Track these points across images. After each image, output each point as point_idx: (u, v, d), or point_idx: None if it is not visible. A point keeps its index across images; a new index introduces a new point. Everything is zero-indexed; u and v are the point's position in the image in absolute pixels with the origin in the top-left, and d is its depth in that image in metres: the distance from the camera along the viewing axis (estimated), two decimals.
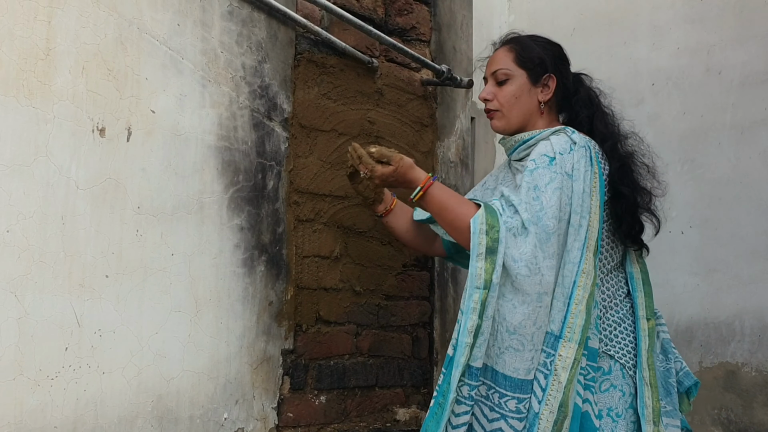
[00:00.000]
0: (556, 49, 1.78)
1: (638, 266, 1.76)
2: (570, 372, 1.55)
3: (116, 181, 1.71)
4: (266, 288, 2.00)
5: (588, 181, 1.60)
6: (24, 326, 1.55)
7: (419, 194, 1.70)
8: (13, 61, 1.57)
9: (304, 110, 2.13)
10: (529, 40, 1.76)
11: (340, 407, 2.16)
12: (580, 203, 1.58)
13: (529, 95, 1.72)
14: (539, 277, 1.53)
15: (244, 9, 1.99)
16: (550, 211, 1.55)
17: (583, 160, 1.61)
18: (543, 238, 1.53)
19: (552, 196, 1.56)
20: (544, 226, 1.54)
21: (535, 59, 1.72)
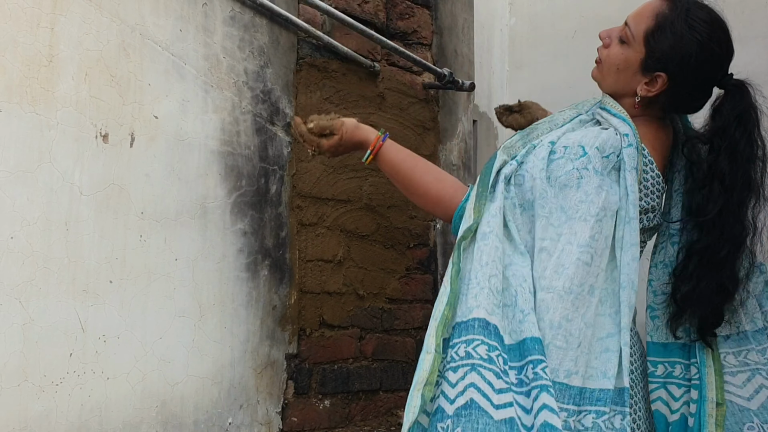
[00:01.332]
0: (700, 49, 1.37)
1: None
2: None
3: (120, 187, 1.72)
4: (270, 292, 2.00)
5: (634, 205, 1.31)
6: (28, 332, 1.56)
7: (369, 158, 1.51)
8: (17, 68, 1.57)
9: (306, 115, 2.13)
10: (678, 17, 1.36)
11: (345, 411, 2.16)
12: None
13: (632, 76, 1.43)
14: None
15: (246, 14, 2.00)
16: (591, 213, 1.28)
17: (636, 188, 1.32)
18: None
19: (597, 196, 1.29)
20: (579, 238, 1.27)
21: (657, 49, 1.38)
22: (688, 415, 1.36)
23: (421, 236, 2.46)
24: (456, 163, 2.60)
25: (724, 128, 1.37)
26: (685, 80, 1.40)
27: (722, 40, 1.41)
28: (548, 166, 1.33)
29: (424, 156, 2.47)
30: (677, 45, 1.37)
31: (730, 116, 1.38)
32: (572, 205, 1.29)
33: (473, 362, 1.22)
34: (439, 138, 2.55)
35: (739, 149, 1.35)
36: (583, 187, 1.29)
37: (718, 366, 1.38)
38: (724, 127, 1.37)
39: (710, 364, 1.38)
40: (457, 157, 2.61)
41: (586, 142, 1.34)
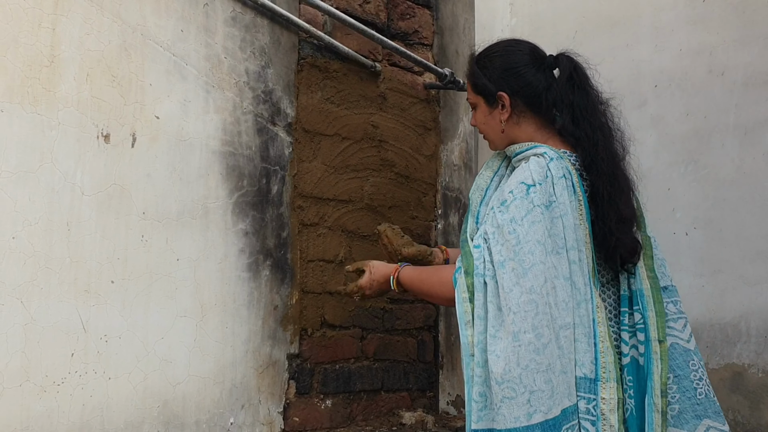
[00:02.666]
0: (502, 60, 1.67)
1: (649, 282, 1.61)
2: (618, 413, 1.51)
3: (121, 187, 1.72)
4: (271, 292, 2.00)
5: (574, 212, 1.53)
6: (30, 332, 1.56)
7: (395, 284, 1.72)
8: (18, 69, 1.58)
9: (307, 115, 2.13)
10: (476, 63, 1.69)
11: (346, 411, 2.16)
12: (573, 237, 1.51)
13: (493, 118, 1.67)
14: (511, 317, 1.44)
15: (247, 14, 2.00)
16: (527, 243, 1.46)
17: (566, 191, 1.52)
18: (520, 273, 1.44)
19: (529, 229, 1.47)
20: (521, 261, 1.45)
21: (479, 84, 1.67)
22: (638, 357, 1.56)
23: (423, 236, 2.46)
24: (457, 164, 2.60)
25: (569, 95, 1.62)
26: (515, 78, 1.65)
27: (513, 44, 1.73)
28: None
29: (425, 156, 2.48)
30: (484, 69, 1.67)
31: (562, 79, 1.63)
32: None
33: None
34: (441, 138, 2.55)
35: (576, 103, 1.62)
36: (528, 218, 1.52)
37: (659, 309, 1.58)
38: (567, 93, 1.63)
39: (651, 308, 1.58)
40: (458, 157, 2.61)
41: (524, 178, 1.54)
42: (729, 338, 2.52)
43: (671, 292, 1.64)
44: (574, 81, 1.64)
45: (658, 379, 1.54)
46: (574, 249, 1.50)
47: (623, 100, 2.77)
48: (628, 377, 1.56)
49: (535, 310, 1.43)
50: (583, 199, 1.56)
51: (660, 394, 1.54)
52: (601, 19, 2.90)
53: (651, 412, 1.53)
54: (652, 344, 1.55)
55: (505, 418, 1.42)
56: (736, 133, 2.52)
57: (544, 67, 1.66)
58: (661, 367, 1.55)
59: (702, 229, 2.56)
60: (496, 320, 1.45)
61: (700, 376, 1.59)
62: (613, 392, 1.50)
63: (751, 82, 2.52)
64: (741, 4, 2.57)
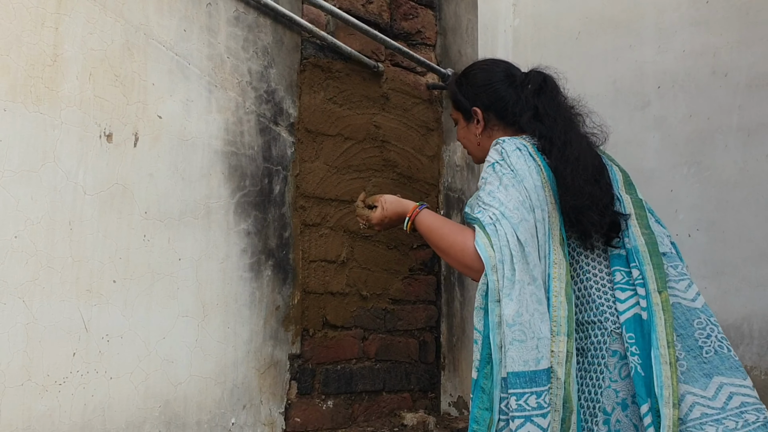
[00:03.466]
0: (477, 78, 1.80)
1: (644, 238, 1.66)
2: (566, 366, 1.54)
3: (123, 187, 1.72)
4: (273, 292, 2.00)
5: (535, 174, 1.61)
6: (32, 332, 1.56)
7: (409, 224, 1.75)
8: (21, 68, 1.58)
9: (310, 115, 2.13)
10: (456, 82, 1.83)
11: (348, 412, 2.16)
12: (536, 197, 1.59)
13: (470, 131, 1.80)
14: (518, 266, 1.55)
15: (250, 14, 2.00)
16: (509, 204, 1.56)
17: (521, 159, 1.62)
18: (515, 227, 1.56)
19: (505, 191, 1.58)
20: (510, 218, 1.56)
21: (457, 101, 1.81)
22: (641, 311, 1.57)
23: None
24: (459, 164, 2.60)
25: (533, 100, 1.72)
26: (486, 93, 1.78)
27: (488, 62, 1.87)
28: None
29: (428, 156, 2.47)
30: (459, 86, 1.80)
31: (531, 90, 1.73)
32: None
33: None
34: (443, 138, 2.55)
35: (540, 105, 1.71)
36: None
37: (656, 262, 1.61)
38: (533, 99, 1.72)
39: (647, 262, 1.61)
40: (460, 158, 2.61)
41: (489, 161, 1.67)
42: (732, 340, 2.51)
43: (671, 258, 1.67)
44: (542, 90, 1.74)
45: (662, 329, 1.54)
46: (538, 208, 1.58)
47: (627, 101, 2.76)
48: (628, 334, 1.56)
49: (534, 262, 1.54)
50: (543, 165, 1.63)
51: (666, 345, 1.53)
52: (604, 19, 2.90)
53: (659, 364, 1.52)
54: (652, 295, 1.57)
55: (514, 361, 1.49)
56: (739, 134, 2.52)
57: (516, 83, 1.76)
58: (665, 317, 1.55)
59: (705, 230, 2.55)
60: (510, 267, 1.54)
61: (708, 334, 1.58)
62: (562, 346, 1.54)
63: (754, 83, 2.52)
64: (745, 6, 2.56)
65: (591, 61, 2.88)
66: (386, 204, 1.79)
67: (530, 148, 1.65)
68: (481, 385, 1.57)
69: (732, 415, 1.52)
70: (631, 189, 1.74)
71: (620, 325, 1.58)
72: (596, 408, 1.57)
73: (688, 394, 1.53)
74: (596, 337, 1.62)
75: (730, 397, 1.52)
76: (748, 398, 1.53)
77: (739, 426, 1.50)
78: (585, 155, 1.68)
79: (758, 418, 1.51)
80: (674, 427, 1.48)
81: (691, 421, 1.51)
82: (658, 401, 1.51)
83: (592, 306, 1.63)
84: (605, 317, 1.61)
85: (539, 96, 1.73)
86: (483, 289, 1.58)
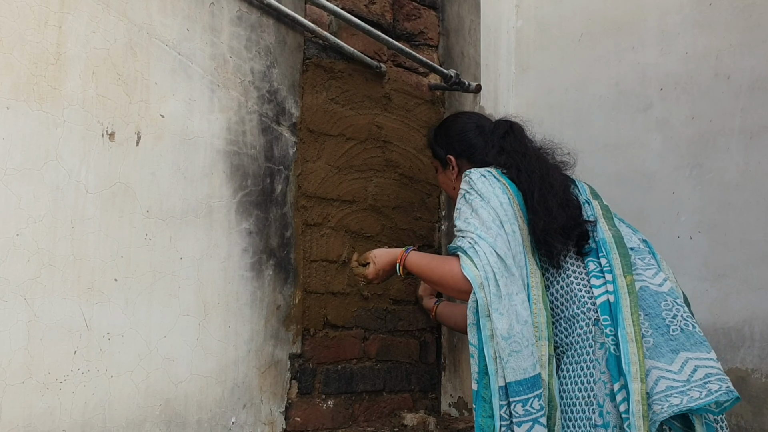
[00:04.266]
0: (447, 129, 1.99)
1: (611, 232, 1.78)
2: (548, 368, 1.64)
3: (126, 185, 1.72)
4: (274, 292, 2.00)
5: (500, 193, 1.72)
6: (33, 329, 1.56)
7: (401, 269, 1.86)
8: (24, 66, 1.58)
9: (312, 115, 2.13)
10: (433, 134, 2.00)
11: (348, 412, 2.16)
12: (504, 213, 1.70)
13: (447, 177, 1.96)
14: (503, 280, 1.65)
15: (252, 14, 2.00)
16: (482, 225, 1.68)
17: (486, 183, 1.74)
18: (492, 244, 1.66)
19: (476, 214, 1.70)
20: (485, 238, 1.67)
21: (434, 150, 1.99)
22: (609, 296, 1.67)
23: (426, 237, 2.46)
24: None
25: (500, 142, 1.87)
26: (455, 141, 1.95)
27: (460, 115, 2.08)
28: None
29: (429, 157, 2.47)
30: (435, 138, 1.98)
31: (499, 134, 1.88)
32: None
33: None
34: None
35: (505, 143, 1.85)
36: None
37: (622, 252, 1.73)
38: (499, 141, 1.87)
39: (614, 251, 1.73)
40: None
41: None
42: (733, 343, 2.51)
43: (639, 251, 1.79)
44: (508, 133, 1.88)
45: (627, 310, 1.64)
46: (507, 223, 1.70)
47: (629, 104, 2.76)
48: (603, 317, 1.66)
49: (516, 272, 1.65)
50: (509, 184, 1.76)
51: (631, 323, 1.63)
52: (607, 21, 2.90)
53: (625, 342, 1.61)
54: (618, 280, 1.68)
55: (515, 371, 1.60)
56: (741, 137, 2.52)
57: (485, 131, 1.91)
58: (629, 299, 1.66)
59: (706, 233, 2.55)
60: (494, 284, 1.64)
61: (674, 314, 1.68)
62: (544, 350, 1.65)
63: (757, 86, 2.51)
64: (748, 8, 2.56)
65: (593, 62, 2.87)
66: (376, 258, 1.91)
67: (494, 173, 1.77)
68: (482, 395, 1.66)
69: (696, 386, 1.59)
70: (597, 197, 1.87)
71: (597, 308, 1.67)
72: (591, 397, 1.65)
73: (654, 369, 1.61)
74: (581, 329, 1.69)
75: (695, 370, 1.60)
76: (712, 369, 1.61)
77: (703, 395, 1.58)
78: (551, 176, 1.81)
79: (720, 387, 1.58)
80: (642, 400, 1.57)
81: (656, 394, 1.58)
82: (626, 377, 1.59)
83: (575, 300, 1.71)
84: (587, 308, 1.69)
85: (505, 138, 1.87)
86: (473, 307, 1.67)
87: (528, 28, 3.10)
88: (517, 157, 1.82)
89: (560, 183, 1.81)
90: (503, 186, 1.75)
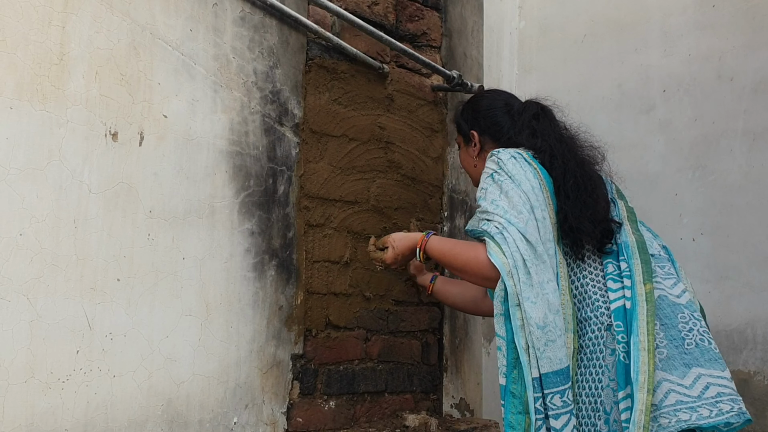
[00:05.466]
0: (474, 104, 1.95)
1: (634, 237, 1.72)
2: (573, 361, 1.59)
3: (128, 185, 1.72)
4: (276, 292, 2.00)
5: (532, 177, 1.66)
6: (36, 329, 1.56)
7: (421, 254, 1.84)
8: (28, 66, 1.58)
9: (314, 116, 2.14)
10: (458, 109, 1.96)
11: (350, 413, 2.16)
12: (535, 198, 1.64)
13: (468, 155, 1.93)
14: (534, 268, 1.58)
15: (256, 15, 2.01)
16: (513, 209, 1.61)
17: (517, 165, 1.68)
18: (522, 230, 1.60)
19: (506, 197, 1.64)
20: (516, 223, 1.60)
21: (458, 124, 1.95)
22: (626, 301, 1.62)
23: None
24: None
25: (531, 123, 1.80)
26: (483, 117, 1.91)
27: (490, 92, 2.02)
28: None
29: (432, 158, 2.47)
30: (461, 113, 1.96)
31: (528, 115, 1.82)
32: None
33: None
34: (447, 140, 2.55)
35: (537, 126, 1.79)
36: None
37: (644, 258, 1.67)
38: (530, 123, 1.80)
39: (636, 256, 1.67)
40: None
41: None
42: (735, 345, 2.51)
43: (659, 258, 1.73)
44: (539, 116, 1.83)
45: (643, 318, 1.59)
46: (538, 208, 1.64)
47: (632, 105, 2.76)
48: (616, 322, 1.61)
49: (547, 259, 1.58)
50: (540, 169, 1.69)
51: (646, 332, 1.58)
52: (610, 23, 2.89)
53: (637, 350, 1.56)
54: (636, 287, 1.62)
55: (551, 361, 1.54)
56: (744, 139, 2.51)
57: (513, 111, 1.87)
58: (647, 307, 1.60)
59: (709, 234, 2.55)
60: (524, 271, 1.57)
61: (691, 327, 1.62)
62: (570, 342, 1.60)
63: (760, 87, 2.51)
64: (751, 10, 2.56)
65: (596, 64, 2.87)
66: (395, 242, 1.90)
67: (525, 155, 1.71)
68: (511, 390, 1.59)
69: (707, 404, 1.54)
70: (623, 197, 1.82)
71: (611, 313, 1.62)
72: (598, 404, 1.59)
73: (665, 381, 1.56)
74: (593, 333, 1.65)
75: (707, 387, 1.55)
76: (725, 389, 1.56)
77: (713, 414, 1.53)
78: (585, 167, 1.76)
79: (732, 407, 1.54)
80: (647, 411, 1.52)
81: (666, 407, 1.54)
82: (633, 386, 1.54)
83: (589, 303, 1.66)
84: (600, 312, 1.64)
85: (537, 120, 1.81)
86: (501, 296, 1.60)
87: (531, 30, 3.10)
88: (551, 141, 1.75)
89: (595, 176, 1.75)
90: (534, 170, 1.68)
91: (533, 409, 1.54)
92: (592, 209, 1.68)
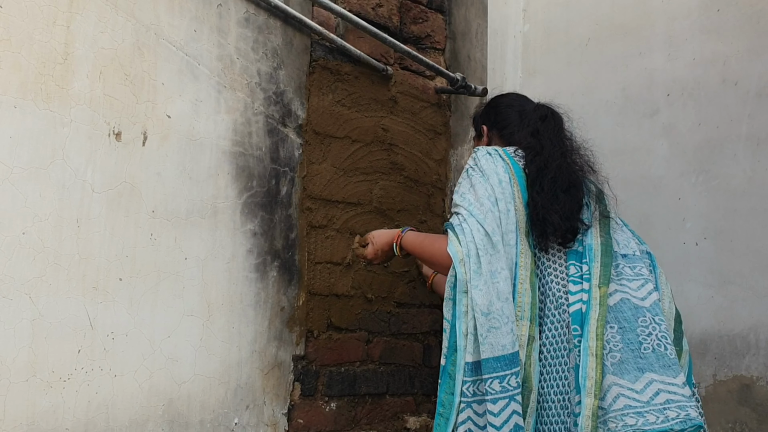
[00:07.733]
0: (495, 101, 2.03)
1: (600, 239, 1.75)
2: (527, 349, 1.62)
3: (131, 185, 1.72)
4: (278, 293, 2.00)
5: (501, 171, 1.72)
6: (37, 328, 1.56)
7: (397, 249, 1.92)
8: (32, 65, 1.59)
9: (318, 117, 2.14)
10: (481, 104, 2.08)
11: (351, 414, 2.16)
12: (501, 191, 1.70)
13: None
14: (487, 257, 1.64)
15: (260, 16, 2.01)
16: (476, 201, 1.68)
17: (489, 160, 1.75)
18: (481, 220, 1.66)
19: (474, 190, 1.71)
20: (476, 214, 1.67)
21: (474, 119, 2.05)
22: (582, 305, 1.64)
23: None
24: None
25: (536, 124, 1.85)
26: (495, 113, 2.00)
27: (508, 93, 2.12)
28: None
29: (435, 160, 2.47)
30: (479, 108, 2.06)
31: (536, 117, 1.86)
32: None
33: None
34: (451, 143, 2.55)
35: (540, 128, 1.83)
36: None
37: (605, 261, 1.69)
38: (536, 123, 1.85)
39: (597, 260, 1.70)
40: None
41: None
42: (738, 350, 2.50)
43: (631, 259, 1.75)
44: (547, 118, 1.86)
45: (594, 322, 1.61)
46: (502, 200, 1.69)
47: (635, 109, 2.76)
48: (573, 326, 1.64)
49: (503, 248, 1.64)
50: (512, 164, 1.75)
51: (595, 337, 1.60)
52: (614, 26, 2.89)
53: (586, 355, 1.59)
54: (592, 290, 1.65)
55: (493, 347, 1.58)
56: (748, 143, 2.51)
57: (524, 110, 1.92)
58: (599, 311, 1.63)
59: (712, 239, 2.54)
60: (475, 260, 1.64)
61: (650, 332, 1.63)
62: (525, 330, 1.63)
63: (764, 92, 2.51)
64: (756, 14, 2.55)
65: (600, 67, 2.87)
66: (375, 239, 1.97)
67: (501, 152, 1.78)
68: (448, 371, 1.65)
69: (655, 410, 1.56)
70: (601, 201, 1.84)
71: (570, 314, 1.65)
72: (566, 401, 1.62)
73: (615, 385, 1.58)
74: (556, 330, 1.68)
75: (657, 393, 1.57)
76: (674, 396, 1.58)
77: (659, 421, 1.55)
78: (568, 169, 1.79)
79: (678, 415, 1.55)
80: (593, 416, 1.55)
81: (613, 411, 1.56)
82: (582, 391, 1.57)
83: (553, 299, 1.70)
84: (563, 309, 1.67)
85: (542, 121, 1.85)
86: (452, 282, 1.67)
87: (535, 33, 3.10)
88: (545, 141, 1.80)
89: (576, 180, 1.79)
90: (506, 165, 1.75)
91: (459, 391, 1.60)
92: (562, 205, 1.72)
